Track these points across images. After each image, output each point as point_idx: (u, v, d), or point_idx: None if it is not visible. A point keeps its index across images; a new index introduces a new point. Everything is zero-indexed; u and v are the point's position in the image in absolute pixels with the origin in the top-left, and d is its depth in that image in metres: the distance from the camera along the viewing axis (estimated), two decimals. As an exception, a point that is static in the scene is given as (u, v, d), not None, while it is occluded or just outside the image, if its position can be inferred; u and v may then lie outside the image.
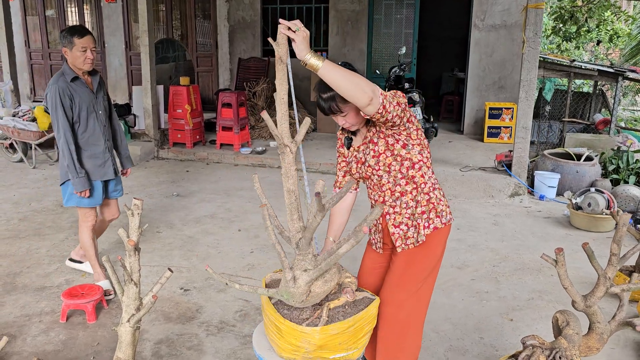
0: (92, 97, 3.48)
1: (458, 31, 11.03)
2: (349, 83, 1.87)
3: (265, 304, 2.14)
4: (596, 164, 5.88)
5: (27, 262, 4.10)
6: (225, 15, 9.69)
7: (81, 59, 3.34)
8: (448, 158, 7.07)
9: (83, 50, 3.32)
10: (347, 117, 2.14)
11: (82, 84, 3.43)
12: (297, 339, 1.98)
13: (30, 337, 3.09)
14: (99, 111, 3.53)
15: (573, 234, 4.82)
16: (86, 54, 3.34)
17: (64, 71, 3.39)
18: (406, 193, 2.16)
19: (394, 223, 2.19)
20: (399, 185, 2.16)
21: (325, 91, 2.10)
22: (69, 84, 3.36)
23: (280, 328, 2.01)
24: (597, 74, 7.43)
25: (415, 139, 2.15)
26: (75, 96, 3.38)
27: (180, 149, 7.66)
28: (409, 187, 2.16)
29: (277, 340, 2.05)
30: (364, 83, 1.88)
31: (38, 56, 11.24)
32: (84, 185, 3.42)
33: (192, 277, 3.89)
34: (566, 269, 2.18)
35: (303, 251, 1.96)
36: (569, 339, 2.16)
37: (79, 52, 3.32)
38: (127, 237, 2.09)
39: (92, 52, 3.38)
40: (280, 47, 1.89)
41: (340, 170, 2.39)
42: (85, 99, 3.42)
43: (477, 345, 3.05)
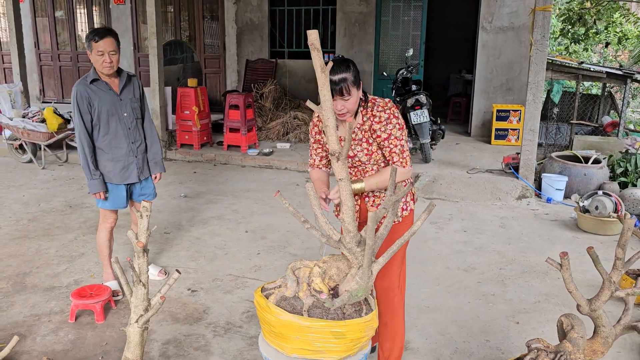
0: (114, 100, 3.40)
1: (466, 33, 11.02)
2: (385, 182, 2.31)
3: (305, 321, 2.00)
4: (604, 166, 5.85)
5: (37, 262, 4.15)
6: (233, 17, 9.74)
7: (99, 62, 3.26)
8: (455, 160, 7.07)
9: (100, 54, 3.24)
10: (348, 102, 2.30)
11: (104, 86, 3.37)
12: (362, 331, 2.03)
13: (39, 337, 3.13)
14: (122, 114, 3.43)
15: (580, 237, 4.80)
16: (104, 57, 3.25)
17: (88, 74, 3.37)
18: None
19: (373, 204, 2.45)
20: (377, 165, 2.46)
21: (338, 72, 2.25)
22: (88, 86, 3.32)
23: (342, 331, 1.99)
24: (605, 76, 7.40)
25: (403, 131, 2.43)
26: (94, 98, 3.32)
27: (188, 150, 7.71)
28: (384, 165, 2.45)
29: (333, 348, 2.00)
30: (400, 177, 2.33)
31: (47, 57, 11.33)
32: (98, 188, 3.39)
33: (200, 278, 3.92)
34: (571, 273, 2.18)
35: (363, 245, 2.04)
36: (574, 343, 2.16)
37: (97, 55, 3.25)
38: (136, 239, 2.12)
39: (111, 56, 3.27)
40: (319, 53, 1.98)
41: (317, 155, 2.64)
42: (106, 102, 3.36)
43: (483, 348, 3.06)
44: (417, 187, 6.08)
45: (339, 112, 2.31)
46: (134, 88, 3.54)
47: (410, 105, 6.81)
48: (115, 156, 3.46)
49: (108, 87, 3.39)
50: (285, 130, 8.49)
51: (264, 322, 2.09)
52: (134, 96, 3.52)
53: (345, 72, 2.25)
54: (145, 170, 3.65)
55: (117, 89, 3.43)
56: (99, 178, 3.39)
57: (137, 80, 3.60)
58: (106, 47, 3.24)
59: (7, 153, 7.61)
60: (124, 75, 3.47)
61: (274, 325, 2.03)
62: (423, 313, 3.43)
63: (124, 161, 3.49)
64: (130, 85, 3.51)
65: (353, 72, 2.29)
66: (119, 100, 3.42)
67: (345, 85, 2.25)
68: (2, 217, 5.16)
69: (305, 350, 2.02)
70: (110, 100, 3.38)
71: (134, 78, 3.57)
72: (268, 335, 2.11)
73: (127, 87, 3.49)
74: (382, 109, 2.38)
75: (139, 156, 3.57)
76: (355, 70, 2.31)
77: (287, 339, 2.02)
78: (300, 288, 2.09)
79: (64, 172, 6.96)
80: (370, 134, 2.41)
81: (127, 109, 3.46)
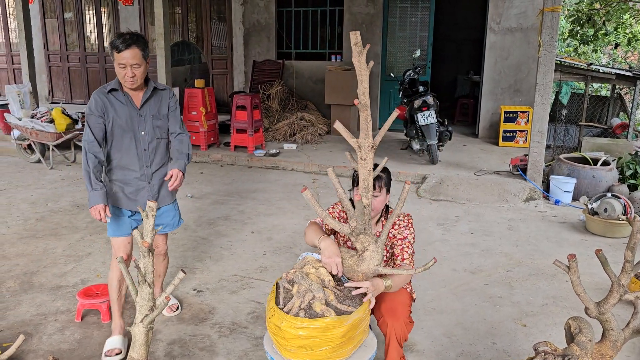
0: (133, 114, 2.95)
1: (473, 34, 10.98)
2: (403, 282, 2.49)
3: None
4: (613, 168, 5.80)
5: (44, 261, 4.16)
6: (241, 18, 9.76)
7: (121, 75, 2.84)
8: (462, 162, 7.04)
9: (122, 67, 2.80)
10: (376, 200, 2.52)
11: (124, 97, 2.93)
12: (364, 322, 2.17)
13: (46, 336, 3.14)
14: (139, 131, 2.96)
15: (589, 240, 4.76)
16: (125, 70, 2.81)
17: (111, 82, 2.99)
18: None
19: None
20: None
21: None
22: (106, 95, 2.92)
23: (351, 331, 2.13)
24: (615, 78, 7.34)
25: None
26: (110, 110, 2.91)
27: (195, 151, 7.72)
28: None
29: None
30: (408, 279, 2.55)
31: (56, 58, 11.41)
32: (96, 200, 2.78)
33: (205, 279, 3.92)
34: (579, 275, 2.16)
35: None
36: (582, 346, 2.14)
37: (118, 67, 2.82)
38: (141, 239, 2.12)
39: (134, 70, 2.81)
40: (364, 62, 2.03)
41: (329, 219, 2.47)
42: (122, 115, 2.92)
43: (489, 351, 3.03)
44: (424, 188, 6.06)
45: None
46: (161, 103, 3.05)
47: (417, 107, 6.79)
48: (125, 179, 3.00)
49: (128, 99, 2.95)
50: (292, 131, 8.49)
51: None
52: (158, 112, 3.03)
53: (382, 173, 2.53)
54: (161, 199, 3.13)
55: (138, 102, 2.98)
56: (100, 190, 2.80)
57: (169, 94, 3.10)
58: (129, 60, 2.79)
59: (16, 153, 7.66)
60: (150, 87, 3.00)
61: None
62: (429, 315, 3.41)
63: (133, 186, 3.02)
64: (156, 99, 3.03)
65: (387, 177, 2.59)
66: (138, 116, 2.97)
67: (379, 183, 2.52)
68: (11, 217, 5.19)
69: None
70: (128, 115, 2.94)
71: (163, 92, 3.07)
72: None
73: (152, 101, 3.02)
74: (402, 220, 2.64)
75: (153, 182, 3.07)
76: (388, 178, 2.60)
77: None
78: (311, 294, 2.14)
79: (71, 172, 6.99)
80: (387, 240, 2.61)
81: (147, 126, 2.99)
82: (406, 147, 7.80)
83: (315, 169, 6.97)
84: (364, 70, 2.03)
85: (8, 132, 7.93)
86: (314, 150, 7.81)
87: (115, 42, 2.79)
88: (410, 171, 6.65)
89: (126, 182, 3.01)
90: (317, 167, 6.95)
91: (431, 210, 5.51)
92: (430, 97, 6.81)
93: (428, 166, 6.83)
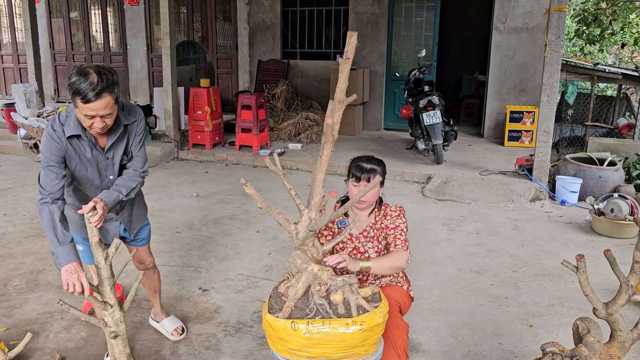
0: (99, 159, 2.49)
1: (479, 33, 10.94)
2: (391, 269, 2.43)
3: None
4: (619, 169, 5.77)
5: (50, 260, 4.18)
6: (246, 18, 9.76)
7: (87, 124, 2.29)
8: (468, 161, 7.02)
9: (89, 117, 2.25)
10: (371, 192, 2.47)
11: (88, 142, 2.43)
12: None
13: (52, 334, 3.15)
14: (107, 176, 2.54)
15: (595, 240, 4.74)
16: (93, 120, 2.26)
17: (67, 120, 2.38)
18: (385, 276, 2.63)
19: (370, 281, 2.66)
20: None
21: (371, 162, 2.54)
22: (64, 141, 2.38)
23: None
24: (621, 78, 7.31)
25: None
26: (72, 156, 2.44)
27: (200, 150, 7.74)
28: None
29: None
30: (400, 262, 2.43)
31: (62, 58, 11.45)
32: (67, 258, 2.30)
33: (211, 278, 3.92)
34: (587, 275, 2.15)
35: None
36: (590, 347, 2.13)
37: (83, 116, 2.26)
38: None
39: (105, 119, 2.28)
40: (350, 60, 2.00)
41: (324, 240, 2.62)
42: (87, 161, 2.47)
43: (495, 351, 3.02)
44: (429, 188, 6.05)
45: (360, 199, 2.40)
46: (129, 137, 2.55)
47: (422, 106, 6.78)
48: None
49: (93, 143, 2.44)
50: (296, 130, 8.49)
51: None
52: (126, 150, 2.56)
53: (377, 165, 2.53)
54: (135, 222, 2.82)
55: (104, 144, 2.48)
56: (69, 244, 2.33)
57: (138, 125, 2.56)
58: (100, 111, 2.24)
59: (22, 152, 7.69)
60: (119, 126, 2.46)
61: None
62: (435, 315, 3.40)
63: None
64: (124, 136, 2.52)
65: (382, 170, 2.55)
66: (104, 160, 2.50)
67: (373, 175, 2.49)
68: (17, 215, 5.21)
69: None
70: (93, 160, 2.47)
71: (131, 126, 2.53)
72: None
73: (120, 141, 2.51)
74: (393, 210, 2.62)
75: (125, 213, 2.74)
76: (383, 171, 2.56)
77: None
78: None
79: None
80: (380, 231, 2.60)
81: (114, 169, 2.55)
82: (411, 147, 7.78)
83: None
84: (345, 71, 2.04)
85: (14, 131, 7.97)
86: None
87: (81, 88, 2.17)
88: (415, 171, 6.63)
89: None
90: (322, 167, 6.94)
91: (436, 210, 5.49)
92: (436, 97, 6.80)
93: (433, 166, 6.81)
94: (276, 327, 2.01)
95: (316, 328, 1.96)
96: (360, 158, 2.59)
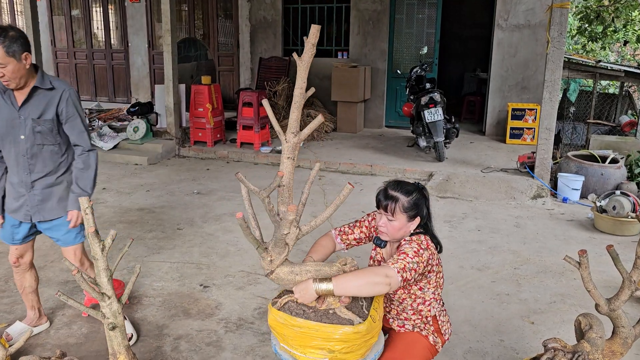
0: (14, 115, 2.64)
1: (481, 31, 10.92)
2: (364, 286, 1.91)
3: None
4: (622, 166, 5.76)
5: (51, 256, 4.18)
6: (247, 15, 9.75)
7: None
8: (469, 159, 7.01)
9: None
10: (391, 224, 2.15)
11: (5, 95, 2.64)
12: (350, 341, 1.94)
13: (53, 330, 3.15)
14: (19, 135, 2.65)
15: (597, 237, 4.73)
16: None
17: None
18: (409, 319, 2.25)
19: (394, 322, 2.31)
20: (405, 313, 2.24)
21: (397, 190, 2.14)
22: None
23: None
24: (623, 75, 7.29)
25: (433, 283, 2.20)
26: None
27: (201, 147, 7.73)
28: (414, 317, 2.24)
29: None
30: (376, 277, 1.91)
31: (63, 55, 11.45)
32: None
33: (212, 274, 3.92)
34: (590, 271, 2.14)
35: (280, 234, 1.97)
36: (592, 343, 2.12)
37: None
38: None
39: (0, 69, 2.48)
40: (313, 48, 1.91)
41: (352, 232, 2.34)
42: (4, 116, 2.64)
43: (497, 348, 3.02)
44: (430, 185, 6.04)
45: (379, 228, 2.20)
46: (48, 106, 2.65)
47: (424, 104, 6.76)
48: (9, 181, 2.78)
49: (9, 98, 2.64)
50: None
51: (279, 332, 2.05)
52: (41, 116, 2.64)
53: (403, 194, 2.12)
54: (46, 211, 2.79)
55: (17, 101, 2.64)
56: None
57: (63, 95, 2.68)
58: None
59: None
60: (29, 86, 2.63)
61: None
62: (436, 312, 3.40)
63: (14, 193, 2.76)
64: (40, 100, 2.65)
65: (412, 199, 2.12)
66: (18, 118, 2.64)
67: (392, 205, 2.11)
68: (18, 212, 5.20)
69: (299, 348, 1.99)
70: (8, 116, 2.64)
71: (51, 92, 2.66)
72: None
73: (34, 101, 2.64)
74: (407, 240, 2.13)
75: (34, 192, 2.74)
76: (416, 199, 2.13)
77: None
78: None
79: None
80: None
81: (27, 130, 2.65)
82: (413, 144, 7.77)
83: (321, 165, 6.96)
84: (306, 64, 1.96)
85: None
86: (320, 147, 7.79)
87: None
88: (417, 168, 6.62)
89: (10, 187, 2.78)
90: (323, 164, 6.94)
91: (438, 207, 5.48)
92: (437, 94, 6.78)
93: (435, 163, 6.80)
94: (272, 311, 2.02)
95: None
96: (390, 182, 2.20)
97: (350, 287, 1.90)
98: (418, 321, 2.24)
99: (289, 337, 1.98)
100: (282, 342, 2.04)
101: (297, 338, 1.96)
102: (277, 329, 2.02)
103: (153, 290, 3.67)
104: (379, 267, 1.98)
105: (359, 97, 8.65)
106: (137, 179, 6.54)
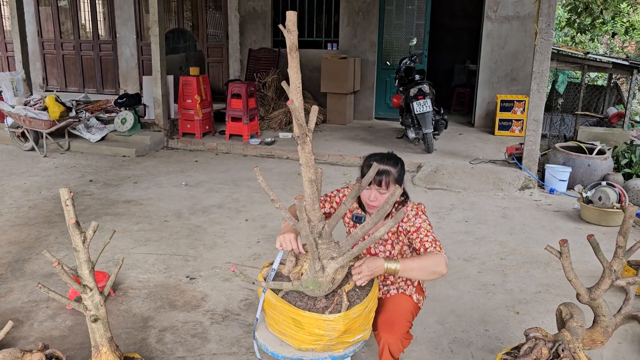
0: None
1: (470, 22, 10.91)
2: (426, 271, 2.11)
3: (274, 300, 2.08)
4: (608, 157, 5.79)
5: (36, 249, 4.14)
6: (236, 6, 9.67)
7: None
8: (458, 150, 7.02)
9: None
10: (383, 196, 2.25)
11: None
12: (320, 328, 1.98)
13: (37, 323, 3.13)
14: None
15: (583, 228, 4.76)
16: None
17: None
18: (394, 282, 2.44)
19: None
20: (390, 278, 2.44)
21: (385, 164, 2.24)
22: None
23: (300, 320, 1.99)
24: (611, 67, 7.32)
25: None
26: None
27: (190, 139, 7.69)
28: (399, 280, 2.44)
29: (294, 334, 2.03)
30: (437, 267, 2.09)
31: (50, 46, 11.31)
32: None
33: (198, 266, 3.90)
34: (570, 261, 2.15)
35: (326, 240, 1.95)
36: (573, 332, 2.13)
37: None
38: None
39: None
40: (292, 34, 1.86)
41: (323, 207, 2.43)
42: None
43: (481, 338, 3.03)
44: (419, 177, 6.05)
45: (370, 202, 2.26)
46: None
47: (413, 95, 6.75)
48: None
49: None
50: (287, 119, 8.45)
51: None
52: None
53: (392, 166, 2.26)
54: None
55: None
56: None
57: None
58: None
59: (9, 141, 7.61)
60: None
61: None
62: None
63: None
64: None
65: (399, 170, 2.29)
66: None
67: (387, 179, 2.23)
68: (3, 205, 5.16)
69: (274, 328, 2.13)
70: None
71: None
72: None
73: None
74: (410, 210, 2.33)
75: None
76: (401, 170, 2.30)
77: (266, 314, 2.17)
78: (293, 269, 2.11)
79: (65, 160, 6.95)
80: (396, 236, 2.38)
81: None
82: (402, 136, 7.77)
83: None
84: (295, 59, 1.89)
85: (1, 119, 7.87)
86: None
87: None
88: (406, 159, 6.55)
89: None
90: (312, 156, 6.92)
91: (426, 198, 5.49)
92: (426, 85, 6.77)
93: (423, 155, 6.81)
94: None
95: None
96: (374, 155, 2.33)
97: (413, 271, 2.10)
98: (402, 283, 2.44)
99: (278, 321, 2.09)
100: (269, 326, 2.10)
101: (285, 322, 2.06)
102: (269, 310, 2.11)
103: (139, 282, 3.65)
104: (434, 255, 2.12)
105: (349, 89, 8.63)
106: (125, 170, 6.50)
